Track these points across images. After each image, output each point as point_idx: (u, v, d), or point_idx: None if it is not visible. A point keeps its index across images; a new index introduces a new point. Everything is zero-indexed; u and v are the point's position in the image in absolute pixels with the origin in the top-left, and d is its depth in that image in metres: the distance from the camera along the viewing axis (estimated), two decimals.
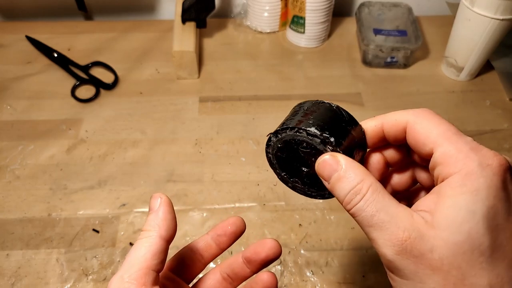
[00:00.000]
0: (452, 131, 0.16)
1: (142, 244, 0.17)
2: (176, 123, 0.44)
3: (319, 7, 0.48)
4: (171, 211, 0.18)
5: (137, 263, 0.17)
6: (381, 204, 0.15)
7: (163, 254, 0.17)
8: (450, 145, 0.15)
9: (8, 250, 0.34)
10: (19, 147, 0.41)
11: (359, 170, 0.16)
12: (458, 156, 0.15)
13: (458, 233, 0.14)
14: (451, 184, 0.15)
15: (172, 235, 0.18)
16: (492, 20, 0.41)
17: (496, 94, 0.47)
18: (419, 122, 0.16)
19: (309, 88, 0.48)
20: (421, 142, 0.16)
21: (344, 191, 0.16)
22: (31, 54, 0.50)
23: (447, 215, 0.14)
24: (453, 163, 0.15)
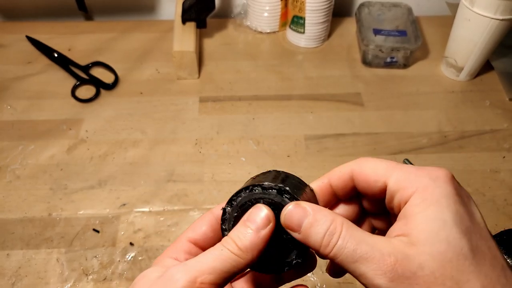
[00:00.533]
0: (394, 163, 0.17)
1: (229, 260, 0.16)
2: (176, 123, 0.44)
3: (319, 7, 0.48)
4: (268, 238, 0.17)
5: (216, 275, 0.16)
6: (359, 237, 0.15)
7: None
8: (399, 172, 0.16)
9: (9, 250, 0.34)
10: (19, 147, 0.41)
11: (327, 211, 0.16)
12: (410, 178, 0.16)
13: (439, 243, 0.14)
14: (414, 202, 0.16)
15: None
16: (491, 20, 0.41)
17: (496, 94, 0.47)
18: (363, 166, 0.18)
19: (309, 88, 0.48)
20: (372, 180, 0.17)
21: (319, 235, 0.16)
22: (31, 54, 0.50)
23: (423, 229, 0.15)
24: (408, 185, 0.16)
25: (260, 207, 0.17)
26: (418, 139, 0.43)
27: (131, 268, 0.33)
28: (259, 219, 0.17)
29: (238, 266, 0.16)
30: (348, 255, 0.15)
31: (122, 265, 0.33)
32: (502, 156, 0.42)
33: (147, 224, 0.36)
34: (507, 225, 0.36)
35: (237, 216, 0.18)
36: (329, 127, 0.44)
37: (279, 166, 0.40)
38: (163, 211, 0.37)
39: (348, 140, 0.42)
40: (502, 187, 0.39)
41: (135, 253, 0.34)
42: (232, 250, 0.16)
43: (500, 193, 0.39)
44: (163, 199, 0.38)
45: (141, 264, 0.34)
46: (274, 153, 0.41)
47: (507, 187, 0.39)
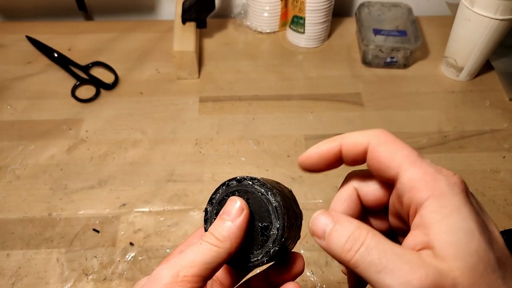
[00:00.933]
0: (415, 154, 0.15)
1: (209, 252, 0.16)
2: (176, 123, 0.44)
3: (319, 7, 0.48)
4: (246, 226, 0.17)
5: (197, 267, 0.16)
6: (384, 246, 0.14)
7: (219, 268, 0.17)
8: (415, 169, 0.15)
9: (9, 250, 0.34)
10: (19, 147, 0.41)
11: (354, 219, 0.15)
12: (426, 179, 0.15)
13: (470, 256, 0.13)
14: (431, 209, 0.14)
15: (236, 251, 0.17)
16: (491, 20, 0.41)
17: (496, 94, 0.47)
18: (382, 145, 0.16)
19: (309, 88, 0.48)
20: (385, 165, 0.15)
21: (342, 239, 0.15)
22: (31, 54, 0.50)
23: (450, 242, 0.14)
24: (423, 186, 0.14)
25: (233, 199, 0.17)
26: (418, 139, 0.43)
27: (131, 268, 0.33)
28: (233, 210, 0.17)
29: (219, 256, 0.16)
30: (371, 263, 0.14)
31: (122, 265, 0.33)
32: (502, 156, 0.42)
33: (147, 224, 0.36)
34: (508, 225, 0.36)
35: (217, 213, 0.18)
36: (329, 127, 0.43)
37: (279, 166, 0.40)
38: (163, 211, 0.37)
39: None
40: (502, 187, 0.39)
41: (135, 253, 0.34)
42: (211, 242, 0.17)
43: (500, 193, 0.39)
44: (163, 199, 0.38)
45: (141, 264, 0.34)
46: (274, 153, 0.41)
47: (507, 187, 0.39)
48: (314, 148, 0.17)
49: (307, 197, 0.38)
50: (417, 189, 0.15)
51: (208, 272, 0.16)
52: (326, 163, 0.17)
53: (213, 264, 0.16)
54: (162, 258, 0.34)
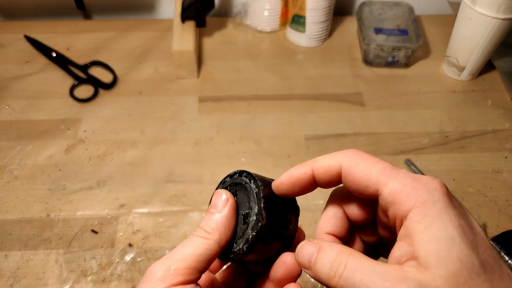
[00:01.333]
0: (389, 167, 0.16)
1: (198, 244, 0.17)
2: (175, 123, 0.43)
3: (319, 6, 0.48)
4: (234, 216, 0.18)
5: (189, 260, 0.17)
6: (366, 267, 0.15)
7: (214, 260, 0.17)
8: (394, 182, 0.15)
9: (7, 251, 0.34)
10: (17, 147, 0.41)
11: (335, 244, 0.16)
12: (406, 190, 0.15)
13: (452, 264, 0.14)
14: (415, 219, 0.14)
15: (228, 242, 0.18)
16: (493, 19, 0.41)
17: (498, 94, 0.47)
18: (354, 166, 0.16)
19: (310, 88, 0.47)
20: (363, 185, 0.16)
21: (326, 266, 0.15)
22: (29, 54, 0.50)
23: (432, 251, 0.14)
24: (404, 198, 0.15)
25: (218, 192, 0.18)
26: (419, 139, 0.43)
27: (130, 269, 0.33)
28: (220, 202, 0.18)
29: (209, 247, 0.17)
30: (355, 285, 0.14)
31: (121, 266, 0.33)
32: (504, 156, 0.41)
33: (146, 225, 0.36)
34: (509, 226, 0.36)
35: None
36: (329, 127, 0.43)
37: (279, 166, 0.40)
38: (162, 212, 0.36)
39: (349, 140, 0.42)
40: (504, 187, 0.39)
41: (134, 254, 0.34)
42: (201, 235, 0.17)
43: (502, 193, 0.38)
44: (162, 199, 0.37)
45: (140, 265, 0.33)
46: (274, 153, 0.41)
47: (509, 188, 0.39)
48: (285, 175, 0.18)
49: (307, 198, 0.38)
50: (399, 201, 0.15)
51: (201, 264, 0.17)
52: (300, 189, 0.18)
53: (204, 256, 0.17)
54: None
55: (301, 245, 0.16)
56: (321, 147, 0.42)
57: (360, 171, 0.16)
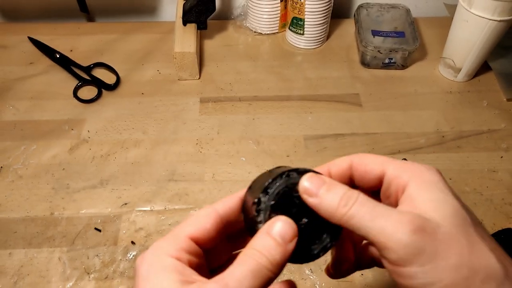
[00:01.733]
0: (390, 158, 0.18)
1: (266, 278, 0.15)
2: (177, 123, 0.44)
3: (318, 8, 0.48)
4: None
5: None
6: (375, 203, 0.16)
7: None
8: (396, 163, 0.18)
9: (11, 249, 0.34)
10: (21, 147, 0.42)
11: (343, 184, 0.17)
12: (406, 166, 0.17)
13: (447, 208, 0.16)
14: (413, 186, 0.17)
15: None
16: (489, 21, 0.41)
17: (493, 95, 0.48)
18: (363, 158, 0.19)
19: (308, 89, 0.48)
20: (370, 169, 0.18)
21: (336, 197, 0.16)
22: (33, 55, 0.50)
23: (430, 201, 0.16)
24: (405, 172, 0.17)
25: (284, 219, 0.16)
26: (416, 139, 0.43)
27: (133, 267, 0.34)
28: (286, 233, 0.16)
29: (270, 282, 0.16)
30: (366, 213, 0.15)
31: (123, 264, 0.34)
32: (500, 156, 0.42)
33: (148, 223, 0.36)
34: (505, 224, 0.37)
35: (274, 205, 0.17)
36: (328, 127, 0.44)
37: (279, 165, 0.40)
38: (164, 210, 0.37)
39: (347, 140, 0.43)
40: (499, 186, 0.39)
41: (137, 252, 0.35)
42: (265, 265, 0.15)
43: (498, 192, 0.39)
44: (164, 198, 0.38)
45: None
46: (274, 153, 0.42)
47: (504, 187, 0.39)
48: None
49: None
50: (401, 174, 0.17)
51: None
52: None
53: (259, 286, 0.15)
54: None
55: (310, 175, 0.17)
56: (319, 147, 0.42)
57: (368, 159, 0.19)
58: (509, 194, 0.39)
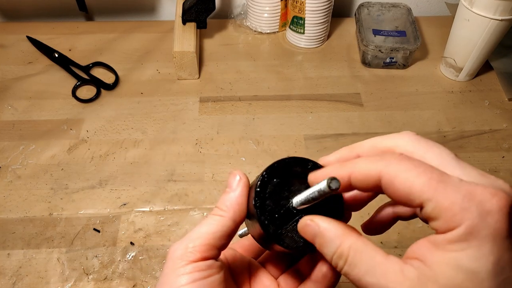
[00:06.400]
0: (436, 179, 0.13)
1: (214, 222, 0.18)
2: (176, 123, 0.44)
3: (318, 7, 0.48)
4: (246, 194, 0.18)
5: (205, 237, 0.17)
6: (366, 266, 0.14)
7: (231, 236, 0.18)
8: (440, 197, 0.13)
9: (9, 250, 0.34)
10: (20, 147, 0.41)
11: (337, 231, 0.15)
12: (454, 209, 0.13)
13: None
14: (450, 238, 0.13)
15: (243, 218, 0.18)
16: (491, 20, 0.41)
17: (495, 94, 0.48)
18: (395, 176, 0.14)
19: (309, 88, 0.48)
20: (405, 198, 0.14)
21: (328, 255, 0.16)
22: (32, 55, 0.50)
23: (444, 273, 0.13)
24: (450, 217, 0.13)
25: (233, 174, 0.19)
26: None
27: (132, 268, 0.34)
28: (233, 182, 0.18)
29: (224, 224, 0.18)
30: (355, 280, 0.14)
31: (122, 265, 0.34)
32: (501, 156, 0.42)
33: (147, 223, 0.36)
34: None
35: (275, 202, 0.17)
36: (328, 127, 0.44)
37: None
38: (164, 211, 0.37)
39: (348, 140, 0.43)
40: None
41: (136, 253, 0.34)
42: (216, 213, 0.18)
43: None
44: (163, 198, 0.38)
45: (141, 263, 0.34)
46: (274, 153, 0.41)
47: None
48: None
49: None
50: (443, 219, 0.13)
51: (217, 241, 0.17)
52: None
53: (220, 233, 0.17)
54: (162, 257, 0.34)
55: (304, 223, 0.17)
56: (320, 147, 0.42)
57: (401, 184, 0.14)
58: None
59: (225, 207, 0.18)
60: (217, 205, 0.18)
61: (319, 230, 0.16)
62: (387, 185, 0.14)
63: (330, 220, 0.16)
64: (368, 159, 0.15)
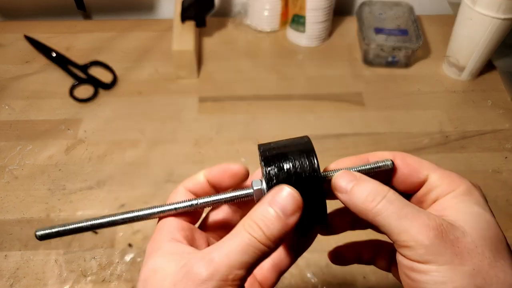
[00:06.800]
0: (435, 165, 0.18)
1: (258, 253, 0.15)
2: (175, 123, 0.43)
3: (319, 6, 0.48)
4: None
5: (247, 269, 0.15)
6: (404, 202, 0.16)
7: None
8: (442, 172, 0.18)
9: (7, 251, 0.34)
10: (17, 147, 0.41)
11: (375, 180, 0.17)
12: (452, 178, 0.17)
13: (480, 221, 0.16)
14: (452, 195, 0.17)
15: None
16: (494, 19, 0.41)
17: (498, 94, 0.47)
18: (407, 158, 0.19)
19: (310, 88, 0.47)
20: (415, 170, 0.18)
21: (364, 192, 0.16)
22: (29, 54, 0.50)
23: (463, 212, 0.16)
24: (450, 183, 0.17)
25: (288, 190, 0.15)
26: (420, 139, 0.43)
27: (130, 270, 0.33)
28: (288, 206, 0.15)
29: (265, 256, 0.15)
30: (394, 211, 0.16)
31: (120, 267, 0.33)
32: (504, 156, 0.41)
33: (146, 225, 0.36)
34: (509, 225, 0.36)
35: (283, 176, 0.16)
36: (330, 127, 0.43)
37: None
38: None
39: (349, 140, 0.42)
40: (504, 187, 0.39)
41: (134, 255, 0.34)
42: (261, 239, 0.15)
43: (502, 193, 0.38)
44: (162, 199, 0.37)
45: (139, 265, 0.33)
46: None
47: (509, 188, 0.39)
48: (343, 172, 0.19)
49: None
50: (446, 184, 0.17)
51: (251, 272, 0.15)
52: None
53: (257, 264, 0.15)
54: None
55: (340, 173, 0.18)
56: (321, 147, 0.42)
57: (413, 161, 0.18)
58: None
59: (272, 237, 0.15)
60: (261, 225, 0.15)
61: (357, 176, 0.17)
62: (401, 164, 0.18)
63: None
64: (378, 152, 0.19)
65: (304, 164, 0.17)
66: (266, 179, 0.17)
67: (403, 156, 0.18)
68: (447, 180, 0.17)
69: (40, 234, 0.17)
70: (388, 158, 0.18)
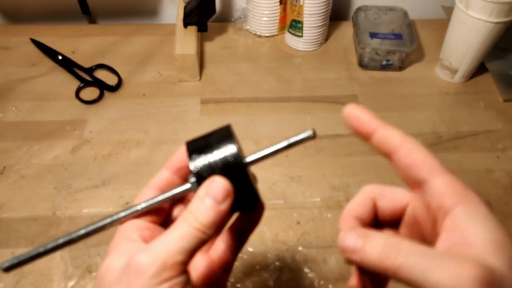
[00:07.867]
0: (439, 162, 0.16)
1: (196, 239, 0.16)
2: (178, 124, 0.45)
3: (316, 11, 0.49)
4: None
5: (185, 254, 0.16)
6: (422, 249, 0.14)
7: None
8: (447, 176, 0.15)
9: (13, 248, 0.35)
10: (24, 147, 0.42)
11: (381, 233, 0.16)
12: (457, 187, 0.15)
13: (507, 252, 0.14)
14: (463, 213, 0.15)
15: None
16: (486, 23, 0.42)
17: (490, 96, 0.48)
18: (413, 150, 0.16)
19: (307, 90, 0.48)
20: (417, 167, 0.16)
21: (377, 249, 0.14)
22: (36, 57, 0.51)
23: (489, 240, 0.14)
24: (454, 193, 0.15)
25: (217, 180, 0.17)
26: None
27: None
28: (219, 193, 0.17)
29: (203, 242, 0.16)
30: (415, 265, 0.13)
31: None
32: (496, 156, 0.42)
33: None
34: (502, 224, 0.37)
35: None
36: (326, 128, 0.44)
37: (277, 165, 0.41)
38: None
39: (345, 141, 0.43)
40: (496, 186, 0.40)
41: None
42: (197, 227, 0.16)
43: (495, 192, 0.39)
44: None
45: None
46: None
47: (501, 187, 0.40)
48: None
49: (305, 195, 0.39)
50: (450, 194, 0.15)
51: (191, 258, 0.16)
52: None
53: (196, 249, 0.16)
54: None
55: (345, 232, 0.16)
56: (317, 148, 0.43)
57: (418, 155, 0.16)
58: (506, 194, 0.39)
59: (208, 223, 0.16)
60: (197, 215, 0.16)
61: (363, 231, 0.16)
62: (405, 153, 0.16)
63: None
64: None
65: (227, 152, 0.18)
66: (196, 173, 0.18)
67: (411, 149, 0.16)
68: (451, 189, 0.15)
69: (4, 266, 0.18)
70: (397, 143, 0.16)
